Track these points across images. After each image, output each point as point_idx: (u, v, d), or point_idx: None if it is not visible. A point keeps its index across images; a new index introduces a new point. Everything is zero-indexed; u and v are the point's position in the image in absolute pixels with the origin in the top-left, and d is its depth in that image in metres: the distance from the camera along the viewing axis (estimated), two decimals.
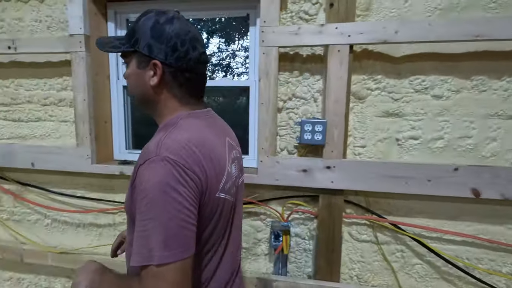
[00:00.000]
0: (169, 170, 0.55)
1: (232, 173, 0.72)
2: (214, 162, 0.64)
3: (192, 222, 0.57)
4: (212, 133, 0.69)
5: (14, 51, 1.44)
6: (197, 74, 0.69)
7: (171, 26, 0.65)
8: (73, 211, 1.61)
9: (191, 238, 0.57)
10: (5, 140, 1.68)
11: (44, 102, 1.59)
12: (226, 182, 0.67)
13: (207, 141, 0.64)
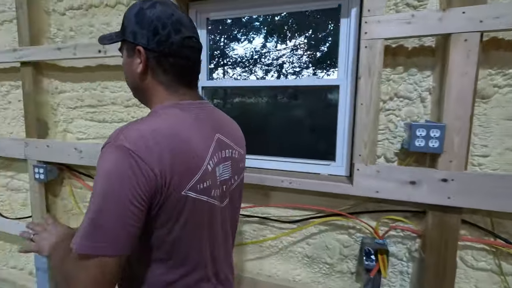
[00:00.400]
0: (119, 158, 0.52)
1: (216, 173, 0.66)
2: (184, 157, 0.58)
3: (131, 218, 0.52)
4: (194, 126, 0.63)
5: (104, 54, 1.48)
6: (182, 59, 0.65)
7: (153, 10, 0.63)
8: None
9: (124, 236, 0.52)
10: (91, 139, 1.77)
11: (127, 103, 1.64)
12: (202, 181, 0.61)
13: (180, 134, 0.59)
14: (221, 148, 0.69)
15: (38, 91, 1.78)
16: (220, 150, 0.68)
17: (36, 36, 1.73)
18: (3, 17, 1.91)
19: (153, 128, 0.57)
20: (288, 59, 1.45)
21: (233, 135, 0.75)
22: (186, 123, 0.62)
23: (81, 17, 1.68)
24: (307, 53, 1.40)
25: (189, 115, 0.64)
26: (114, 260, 0.52)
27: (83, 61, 1.71)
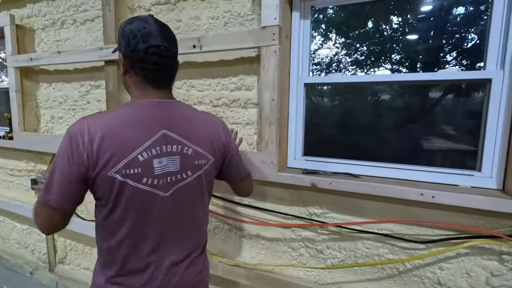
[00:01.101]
0: (64, 141, 0.73)
1: (152, 163, 0.75)
2: (111, 146, 0.71)
3: (70, 184, 0.72)
4: (136, 121, 0.75)
5: (199, 49, 1.37)
6: (150, 64, 0.78)
7: (129, 25, 0.79)
8: (247, 222, 1.49)
9: (64, 196, 0.73)
10: None
11: (216, 103, 1.52)
12: (128, 167, 0.72)
13: (114, 127, 0.73)
14: (167, 143, 0.78)
15: (121, 90, 1.73)
16: (165, 144, 0.77)
17: None
18: (85, 16, 1.89)
19: (94, 121, 0.74)
20: (411, 48, 1.24)
21: (190, 133, 0.82)
22: (128, 118, 0.76)
23: (168, 12, 1.60)
24: (442, 42, 1.18)
25: (138, 111, 0.77)
26: (58, 211, 0.74)
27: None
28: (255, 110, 1.43)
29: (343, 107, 1.40)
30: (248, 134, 1.46)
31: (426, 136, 1.22)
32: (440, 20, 1.16)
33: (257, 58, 1.39)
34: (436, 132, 1.20)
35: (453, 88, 1.18)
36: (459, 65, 1.15)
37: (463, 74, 1.09)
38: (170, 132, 0.78)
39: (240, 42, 1.28)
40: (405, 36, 1.24)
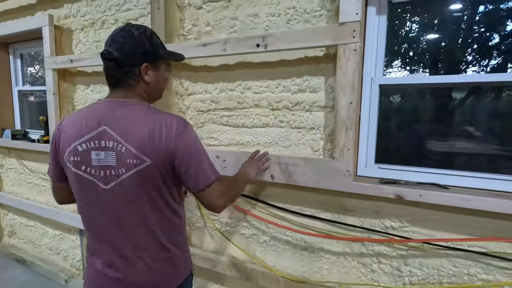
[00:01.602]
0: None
1: (90, 155, 0.86)
2: (64, 137, 0.89)
3: (52, 162, 0.96)
4: (83, 117, 0.88)
5: (263, 49, 1.28)
6: (103, 68, 0.90)
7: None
8: (307, 233, 1.38)
9: (53, 171, 0.98)
10: (224, 146, 1.59)
11: (275, 106, 1.42)
12: (72, 155, 0.87)
13: (70, 121, 0.90)
14: (103, 138, 0.84)
15: (168, 92, 1.64)
16: (101, 139, 0.84)
17: (169, 33, 1.60)
18: (128, 15, 1.82)
19: (65, 117, 0.97)
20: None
21: (127, 132, 0.84)
22: (81, 115, 0.89)
23: (221, 9, 1.50)
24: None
25: (90, 109, 0.90)
26: (54, 183, 1.01)
27: (219, 59, 1.53)
28: (321, 114, 1.32)
29: (420, 109, 1.29)
30: (312, 140, 1.35)
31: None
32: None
33: (325, 58, 1.29)
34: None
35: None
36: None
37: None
38: (109, 129, 0.84)
39: (313, 40, 1.17)
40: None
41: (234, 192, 1.03)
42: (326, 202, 1.34)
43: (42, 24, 2.01)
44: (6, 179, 2.78)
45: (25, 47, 2.54)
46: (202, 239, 1.71)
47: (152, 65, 0.90)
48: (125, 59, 0.86)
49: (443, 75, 1.23)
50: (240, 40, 1.33)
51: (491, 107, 1.17)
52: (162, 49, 0.94)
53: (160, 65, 0.94)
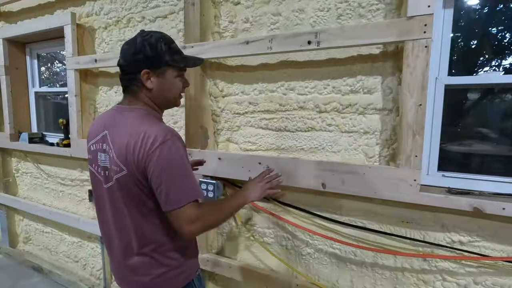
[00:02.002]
0: None
1: (97, 155, 0.93)
2: (88, 135, 0.98)
3: None
4: (99, 120, 0.97)
5: (315, 46, 1.17)
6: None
7: None
8: (361, 247, 1.26)
9: None
10: (263, 151, 1.48)
11: (323, 108, 1.31)
12: (88, 152, 0.98)
13: (94, 121, 0.99)
14: (104, 141, 0.91)
15: (204, 94, 1.54)
16: (103, 142, 0.91)
17: (203, 31, 1.50)
18: (156, 13, 1.72)
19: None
20: None
21: (115, 139, 0.87)
22: (99, 117, 0.99)
23: (262, 5, 1.40)
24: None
25: (104, 113, 0.98)
26: None
27: (258, 58, 1.43)
28: (377, 117, 1.21)
29: (489, 111, 1.17)
30: (366, 145, 1.24)
31: None
32: None
33: (382, 56, 1.18)
34: None
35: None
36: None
37: None
38: (108, 134, 0.90)
39: (374, 36, 1.07)
40: None
41: (214, 219, 0.90)
42: (381, 212, 1.23)
43: (64, 23, 1.92)
44: (21, 184, 2.70)
45: (42, 47, 2.45)
46: (236, 250, 1.61)
47: (154, 71, 0.89)
48: (126, 66, 0.91)
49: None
50: (288, 37, 1.22)
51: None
52: (171, 55, 0.90)
53: (166, 71, 0.91)
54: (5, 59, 2.37)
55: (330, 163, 1.21)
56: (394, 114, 1.18)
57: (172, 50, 0.91)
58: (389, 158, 1.20)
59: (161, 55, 0.88)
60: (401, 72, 1.14)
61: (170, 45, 0.91)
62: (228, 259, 1.58)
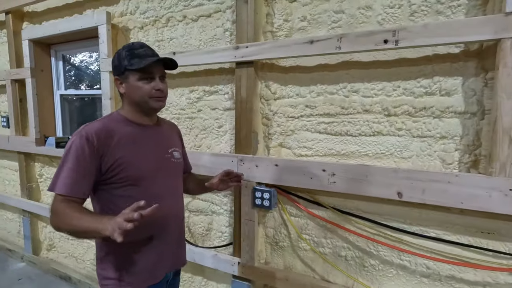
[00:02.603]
0: None
1: None
2: None
3: None
4: None
5: (393, 45, 1.09)
6: None
7: None
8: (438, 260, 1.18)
9: None
10: (319, 157, 1.40)
11: (393, 111, 1.23)
12: None
13: None
14: None
15: (255, 96, 1.46)
16: None
17: (256, 30, 1.42)
18: (199, 11, 1.64)
19: None
20: None
21: None
22: None
23: (322, 2, 1.32)
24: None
25: None
26: None
27: (316, 59, 1.35)
28: (457, 121, 1.13)
29: None
30: (443, 151, 1.16)
31: None
32: None
33: (463, 55, 1.11)
34: None
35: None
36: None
37: None
38: None
39: (464, 34, 0.99)
40: None
41: (63, 223, 0.83)
42: (458, 222, 1.15)
43: (98, 22, 1.84)
44: (45, 189, 2.61)
45: (68, 48, 2.37)
46: (287, 261, 1.53)
47: (122, 78, 0.96)
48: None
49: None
50: (361, 35, 1.14)
51: None
52: (129, 60, 0.93)
53: (128, 76, 0.94)
54: (31, 61, 2.28)
55: (408, 171, 1.13)
56: (478, 118, 1.10)
57: (132, 55, 0.93)
58: (471, 165, 1.12)
59: (121, 61, 0.94)
60: (486, 72, 1.07)
61: (133, 50, 0.94)
62: (279, 270, 1.51)
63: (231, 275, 1.61)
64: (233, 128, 1.59)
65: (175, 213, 1.07)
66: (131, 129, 0.98)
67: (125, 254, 0.96)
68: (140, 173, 0.94)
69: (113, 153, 0.91)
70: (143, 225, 0.91)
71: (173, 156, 1.07)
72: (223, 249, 1.71)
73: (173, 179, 1.07)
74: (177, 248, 1.09)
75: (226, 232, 1.69)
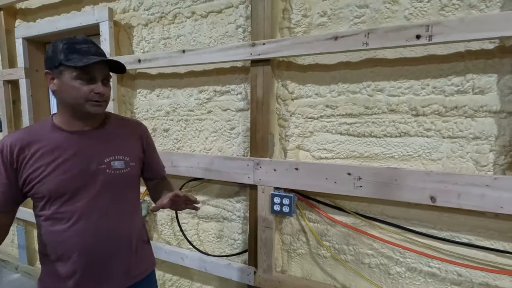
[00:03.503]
0: None
1: None
2: None
3: None
4: None
5: (426, 41, 1.03)
6: None
7: None
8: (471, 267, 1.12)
9: None
10: (340, 160, 1.33)
11: (422, 111, 1.17)
12: None
13: None
14: None
15: (271, 96, 1.38)
16: None
17: (273, 26, 1.34)
18: (209, 7, 1.55)
19: None
20: None
21: None
22: None
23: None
24: None
25: None
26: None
27: (337, 56, 1.28)
28: (491, 120, 1.08)
29: None
30: (476, 152, 1.10)
31: None
32: None
33: (498, 51, 1.05)
34: None
35: None
36: None
37: None
38: None
39: (501, 29, 0.93)
40: None
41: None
42: (492, 227, 1.10)
43: (100, 19, 1.73)
44: None
45: None
46: (306, 269, 1.45)
47: (54, 72, 0.84)
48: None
49: None
50: (390, 30, 1.08)
51: None
52: (67, 54, 0.82)
53: (63, 72, 0.82)
54: (25, 61, 2.16)
55: (443, 174, 1.06)
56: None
57: (71, 50, 0.82)
58: (506, 166, 1.07)
59: (57, 54, 0.82)
60: None
61: (74, 45, 0.83)
62: (297, 278, 1.43)
63: (246, 285, 1.52)
64: (246, 130, 1.50)
65: (109, 233, 0.91)
66: (56, 136, 0.86)
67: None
68: (55, 188, 0.84)
69: (27, 165, 0.82)
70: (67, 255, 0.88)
71: (111, 166, 0.91)
72: (236, 257, 1.63)
73: (110, 193, 0.91)
74: (118, 267, 0.95)
75: (239, 239, 1.61)
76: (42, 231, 0.89)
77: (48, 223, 0.87)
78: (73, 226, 0.86)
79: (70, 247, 0.87)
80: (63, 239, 0.86)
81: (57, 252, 0.88)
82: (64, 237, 0.86)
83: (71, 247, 0.87)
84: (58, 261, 0.88)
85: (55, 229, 0.86)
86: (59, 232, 0.86)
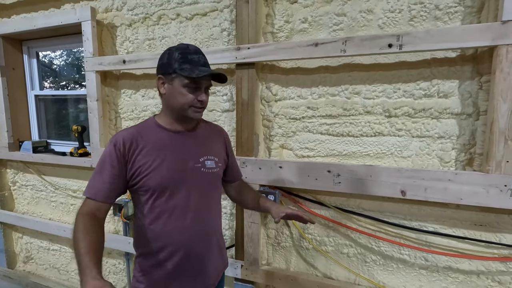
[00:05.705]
0: None
1: None
2: None
3: None
4: None
5: (397, 49, 1.13)
6: None
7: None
8: (438, 253, 1.25)
9: None
10: (321, 158, 1.43)
11: (394, 112, 1.28)
12: None
13: None
14: None
15: (256, 99, 1.45)
16: None
17: (257, 31, 1.40)
18: (194, 9, 1.58)
19: None
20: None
21: None
22: None
23: (324, 4, 1.33)
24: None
25: None
26: None
27: (317, 61, 1.36)
28: (453, 121, 1.20)
29: None
30: (441, 150, 1.23)
31: None
32: None
33: (460, 60, 1.17)
34: None
35: None
36: None
37: None
38: None
39: (464, 40, 1.04)
40: None
41: (75, 231, 0.81)
42: (454, 217, 1.23)
43: (82, 18, 1.71)
44: (19, 198, 2.42)
45: (43, 45, 2.19)
46: (289, 260, 1.54)
47: (167, 78, 0.91)
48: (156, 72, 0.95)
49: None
50: (366, 39, 1.17)
51: None
52: (180, 64, 0.89)
53: (175, 79, 0.90)
54: (0, 59, 2.09)
55: (412, 170, 1.18)
56: (473, 119, 1.17)
57: (184, 60, 0.89)
58: (466, 163, 1.20)
59: (172, 62, 0.90)
60: (481, 76, 1.14)
61: (187, 55, 0.90)
62: (281, 270, 1.52)
63: (233, 278, 1.60)
64: (232, 130, 1.56)
65: (203, 230, 0.99)
66: (161, 135, 0.95)
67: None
68: (160, 183, 0.90)
69: (136, 160, 0.89)
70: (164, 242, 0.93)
71: (205, 165, 0.98)
72: None
73: (203, 191, 0.98)
74: (209, 264, 1.02)
75: (226, 235, 1.67)
76: (143, 224, 0.94)
77: (152, 216, 0.92)
78: (174, 221, 0.92)
79: (170, 241, 0.92)
80: (163, 233, 0.92)
81: (157, 245, 0.93)
82: (165, 231, 0.92)
83: (171, 241, 0.92)
84: (159, 252, 0.93)
85: (157, 222, 0.92)
86: (160, 225, 0.92)
